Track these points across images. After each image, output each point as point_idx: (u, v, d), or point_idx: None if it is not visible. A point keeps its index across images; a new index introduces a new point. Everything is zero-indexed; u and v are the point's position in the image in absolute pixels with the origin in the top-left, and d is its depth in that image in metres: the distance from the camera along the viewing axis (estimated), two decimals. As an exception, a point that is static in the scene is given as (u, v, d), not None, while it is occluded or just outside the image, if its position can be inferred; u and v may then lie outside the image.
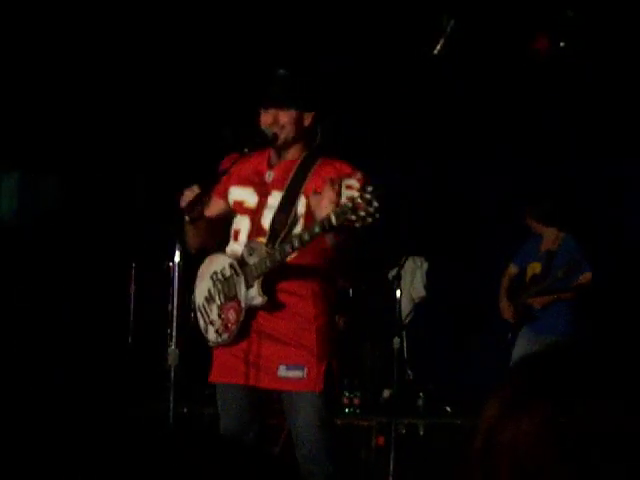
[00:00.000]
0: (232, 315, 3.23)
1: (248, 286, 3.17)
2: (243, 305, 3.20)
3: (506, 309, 6.09)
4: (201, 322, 3.37)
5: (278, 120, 3.26)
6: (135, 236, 7.22)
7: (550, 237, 6.04)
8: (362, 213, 2.76)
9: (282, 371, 3.18)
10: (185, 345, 3.47)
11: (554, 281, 5.84)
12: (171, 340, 3.42)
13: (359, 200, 2.77)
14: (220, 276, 3.30)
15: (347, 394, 6.87)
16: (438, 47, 6.32)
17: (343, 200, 3.14)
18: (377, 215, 2.76)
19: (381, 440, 6.05)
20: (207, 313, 3.35)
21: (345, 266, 3.28)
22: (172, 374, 3.37)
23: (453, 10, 6.23)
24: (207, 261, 3.41)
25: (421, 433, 6.70)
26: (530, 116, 7.12)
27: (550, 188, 6.91)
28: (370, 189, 2.81)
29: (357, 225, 2.78)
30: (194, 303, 3.45)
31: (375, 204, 2.75)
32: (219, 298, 3.30)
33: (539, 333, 5.85)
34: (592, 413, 0.97)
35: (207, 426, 5.49)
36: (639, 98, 6.54)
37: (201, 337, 3.40)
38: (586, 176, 7.11)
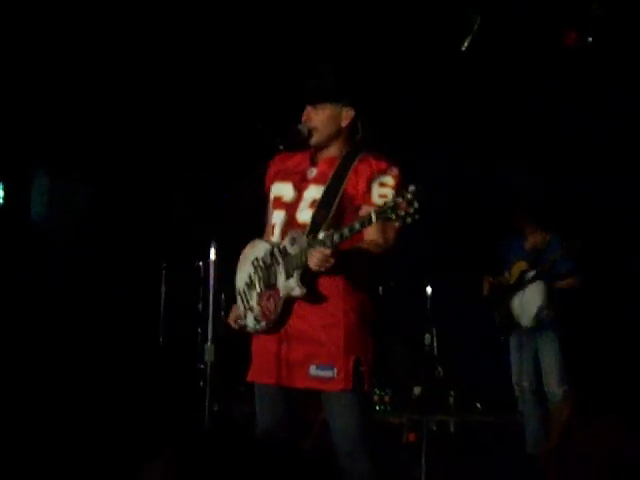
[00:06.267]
0: (271, 304, 3.23)
1: (288, 276, 3.17)
2: (282, 294, 3.20)
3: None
4: (240, 307, 3.36)
5: (312, 119, 3.29)
6: (166, 236, 7.26)
7: (536, 237, 6.16)
8: (402, 213, 2.79)
9: (313, 370, 3.18)
10: (217, 342, 3.47)
11: (544, 269, 5.91)
12: (206, 337, 3.42)
13: (400, 199, 2.79)
14: (261, 263, 3.30)
15: (378, 392, 6.88)
16: (465, 44, 6.32)
17: (375, 198, 3.16)
18: (416, 216, 2.78)
19: (412, 437, 6.05)
20: (247, 299, 3.34)
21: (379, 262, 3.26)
22: (208, 370, 3.37)
23: (480, 7, 6.22)
24: (249, 245, 3.40)
25: (452, 430, 6.70)
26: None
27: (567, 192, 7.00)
28: (412, 189, 2.81)
29: (396, 224, 2.84)
30: (235, 287, 3.43)
31: (415, 205, 2.77)
32: (259, 285, 3.30)
33: (531, 333, 5.92)
34: None
35: (241, 424, 5.52)
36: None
37: (234, 331, 3.39)
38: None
